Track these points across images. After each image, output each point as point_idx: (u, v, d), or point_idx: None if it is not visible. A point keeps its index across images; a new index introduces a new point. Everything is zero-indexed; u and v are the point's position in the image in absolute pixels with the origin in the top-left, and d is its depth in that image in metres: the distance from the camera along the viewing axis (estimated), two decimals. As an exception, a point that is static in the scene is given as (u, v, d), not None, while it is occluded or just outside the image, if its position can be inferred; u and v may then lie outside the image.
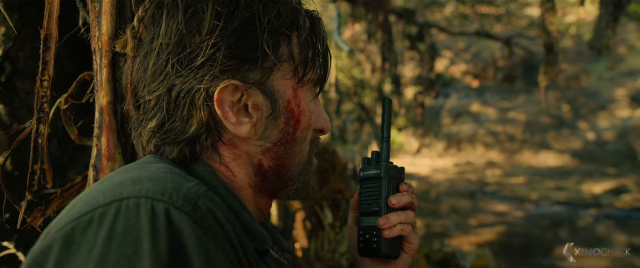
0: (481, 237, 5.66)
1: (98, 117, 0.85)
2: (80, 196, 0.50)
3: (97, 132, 0.86)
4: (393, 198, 0.70)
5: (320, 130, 0.69)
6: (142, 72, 0.59)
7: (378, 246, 0.70)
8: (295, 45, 0.61)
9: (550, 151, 10.76)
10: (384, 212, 0.70)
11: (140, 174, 0.50)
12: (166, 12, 0.58)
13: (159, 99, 0.57)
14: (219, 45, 0.56)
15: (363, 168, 0.76)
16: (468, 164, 11.44)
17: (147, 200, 0.44)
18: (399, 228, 0.69)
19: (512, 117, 12.34)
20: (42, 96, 0.82)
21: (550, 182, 8.58)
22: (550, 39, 1.87)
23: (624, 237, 5.50)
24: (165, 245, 0.42)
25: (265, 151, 0.62)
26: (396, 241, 0.71)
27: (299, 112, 0.63)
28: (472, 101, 13.93)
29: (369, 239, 0.71)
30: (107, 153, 0.85)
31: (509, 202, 7.47)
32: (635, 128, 9.66)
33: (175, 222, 0.43)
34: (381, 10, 4.28)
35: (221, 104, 0.57)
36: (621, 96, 10.80)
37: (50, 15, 0.82)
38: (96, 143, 0.86)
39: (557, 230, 5.91)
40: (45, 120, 0.83)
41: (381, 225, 0.69)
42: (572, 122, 11.03)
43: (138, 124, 0.62)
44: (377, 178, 0.72)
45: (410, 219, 0.71)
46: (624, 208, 6.49)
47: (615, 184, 7.77)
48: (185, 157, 0.58)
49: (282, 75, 0.61)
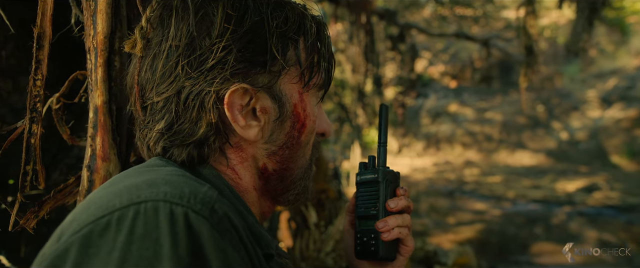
0: (460, 235, 5.77)
1: (92, 116, 0.84)
2: (92, 198, 0.49)
3: (92, 132, 0.84)
4: (391, 203, 0.71)
5: (323, 134, 0.70)
6: (150, 74, 0.58)
7: (376, 249, 0.71)
8: (302, 49, 0.62)
9: (526, 150, 11.06)
10: (381, 216, 0.71)
11: (154, 177, 0.50)
12: (175, 13, 0.58)
13: (167, 100, 0.57)
14: (230, 48, 0.56)
15: (360, 172, 0.77)
16: (447, 164, 11.64)
17: (166, 203, 0.44)
18: (397, 232, 0.70)
19: (489, 117, 12.62)
20: (35, 95, 0.80)
21: (526, 180, 8.82)
22: (530, 42, 1.94)
23: (595, 233, 5.70)
24: (185, 248, 0.42)
25: (271, 154, 0.63)
26: (393, 244, 0.72)
27: (305, 116, 0.64)
28: (451, 101, 14.18)
29: (367, 242, 0.72)
30: (102, 154, 0.84)
31: (487, 200, 7.63)
32: (605, 128, 10.03)
33: (194, 226, 0.43)
34: (364, 11, 4.31)
35: (231, 106, 0.57)
36: (592, 97, 11.20)
37: (43, 13, 0.80)
38: (90, 143, 0.84)
39: (532, 228, 6.08)
40: (38, 120, 0.82)
41: (380, 228, 0.70)
42: (546, 122, 11.36)
43: (144, 126, 0.61)
44: (374, 183, 0.73)
45: (407, 222, 0.72)
46: (595, 206, 6.73)
47: (587, 182, 8.05)
48: (193, 159, 0.59)
49: (289, 79, 0.61)
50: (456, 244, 4.76)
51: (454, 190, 8.47)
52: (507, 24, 12.66)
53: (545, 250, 5.19)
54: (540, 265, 4.72)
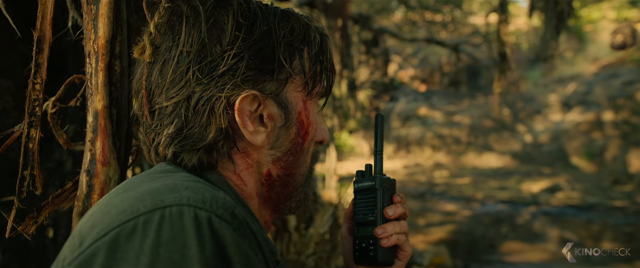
0: (431, 236, 5.90)
1: (92, 121, 0.84)
2: (111, 203, 0.50)
3: (91, 136, 0.84)
4: (389, 210, 0.73)
5: (321, 142, 0.72)
6: (160, 79, 0.59)
7: (375, 254, 0.72)
8: (306, 59, 0.64)
9: (492, 153, 11.44)
10: (379, 222, 0.73)
11: (173, 182, 0.51)
12: (186, 20, 0.59)
13: (177, 105, 0.58)
14: (242, 56, 0.57)
15: (357, 180, 0.79)
16: (417, 166, 11.87)
17: (190, 208, 0.45)
18: (396, 238, 0.72)
19: (458, 120, 12.97)
20: (34, 99, 0.79)
21: (494, 182, 9.12)
22: (503, 49, 2.04)
23: (557, 231, 5.95)
24: (211, 251, 0.43)
25: (276, 160, 0.65)
26: (391, 249, 0.74)
27: (308, 124, 0.66)
28: (420, 105, 14.48)
29: (366, 248, 0.74)
30: (102, 158, 0.84)
31: (456, 201, 7.84)
32: (566, 131, 10.52)
33: (218, 230, 0.45)
34: (339, 16, 4.37)
35: (241, 112, 0.58)
36: (554, 101, 11.72)
37: (43, 17, 0.79)
38: (90, 147, 0.84)
39: (499, 227, 6.28)
40: (36, 124, 0.80)
41: (379, 235, 0.72)
42: (511, 126, 11.80)
43: (151, 130, 0.62)
44: (372, 190, 0.75)
45: (404, 229, 0.75)
46: (558, 206, 7.05)
47: (550, 183, 8.41)
48: (203, 164, 0.60)
49: (294, 88, 0.63)
50: (429, 245, 4.88)
51: (425, 191, 8.66)
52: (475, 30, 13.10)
53: (513, 248, 5.39)
54: (510, 263, 4.90)
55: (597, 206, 6.85)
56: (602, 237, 5.72)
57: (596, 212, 6.60)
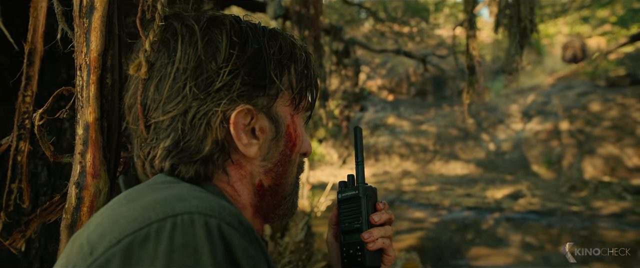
0: (400, 243, 6.01)
1: (83, 133, 0.84)
2: (118, 213, 0.52)
3: (82, 148, 0.84)
4: (375, 216, 0.78)
5: (305, 154, 0.76)
6: (156, 94, 0.61)
7: (363, 259, 0.76)
8: (293, 75, 0.68)
9: (458, 161, 11.78)
10: (365, 228, 0.77)
11: (179, 192, 0.53)
12: (181, 38, 0.62)
13: (173, 119, 0.60)
14: (237, 72, 0.61)
15: (340, 190, 0.83)
16: (385, 174, 12.06)
17: (200, 216, 0.48)
18: (381, 242, 0.77)
19: (425, 129, 13.30)
20: (23, 112, 0.79)
21: (460, 189, 9.38)
22: (472, 62, 2.15)
23: (520, 236, 6.19)
24: (222, 256, 0.46)
25: (267, 171, 0.68)
26: (378, 254, 0.78)
27: (296, 136, 0.70)
28: (388, 114, 14.75)
29: (353, 254, 0.78)
30: (92, 171, 0.84)
31: (424, 209, 8.02)
32: (527, 139, 11.00)
33: (227, 236, 0.48)
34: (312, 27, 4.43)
35: (236, 126, 0.61)
36: (515, 111, 12.25)
37: (35, 30, 0.79)
38: (80, 160, 0.84)
39: (465, 233, 6.46)
40: (26, 137, 0.80)
41: (365, 239, 0.76)
42: (476, 134, 12.22)
43: (147, 144, 0.64)
44: (356, 199, 0.79)
45: (389, 233, 0.79)
46: (520, 211, 7.34)
47: (512, 190, 8.75)
48: (200, 176, 0.62)
49: (283, 103, 0.67)
50: (400, 251, 4.96)
51: (394, 199, 8.80)
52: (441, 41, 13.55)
53: (479, 253, 5.57)
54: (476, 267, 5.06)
55: (556, 211, 7.19)
56: (561, 240, 6.00)
57: (555, 217, 6.92)
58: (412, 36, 11.19)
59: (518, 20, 2.23)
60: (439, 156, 12.13)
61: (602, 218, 6.73)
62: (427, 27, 11.59)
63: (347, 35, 8.96)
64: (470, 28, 2.26)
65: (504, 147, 11.32)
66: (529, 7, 2.22)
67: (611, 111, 10.12)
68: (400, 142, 12.97)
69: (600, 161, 9.32)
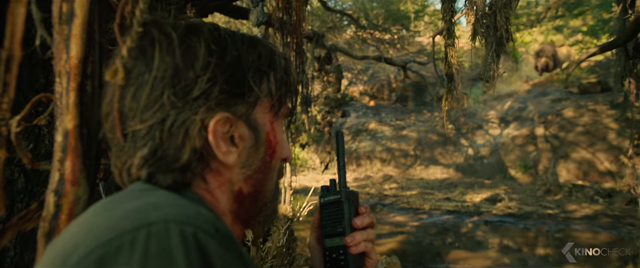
0: (382, 246, 6.05)
1: (62, 140, 0.83)
2: (93, 222, 0.51)
3: (61, 155, 0.83)
4: (357, 220, 0.79)
5: (285, 159, 0.77)
6: (134, 103, 0.61)
7: (345, 263, 0.77)
8: (273, 82, 0.69)
9: (438, 166, 11.96)
10: (348, 232, 0.78)
11: (155, 200, 0.53)
12: (159, 46, 0.61)
13: (151, 128, 0.60)
14: (215, 80, 0.61)
15: (323, 195, 0.85)
16: (367, 178, 12.14)
17: (176, 224, 0.47)
18: (363, 245, 0.78)
19: (405, 134, 13.46)
20: (0, 119, 0.78)
21: (440, 193, 9.52)
22: (451, 70, 2.20)
23: (497, 239, 6.31)
24: (198, 264, 0.46)
25: (247, 178, 0.68)
26: (360, 257, 0.79)
27: (276, 143, 0.71)
28: (370, 120, 14.87)
29: (336, 258, 0.79)
30: (71, 178, 0.83)
31: (405, 212, 8.10)
32: (504, 144, 11.25)
33: (204, 244, 0.47)
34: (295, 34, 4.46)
35: (215, 134, 0.61)
36: (493, 117, 12.52)
37: (13, 35, 0.79)
38: (59, 167, 0.83)
39: (444, 237, 6.55)
40: (2, 144, 0.79)
41: (348, 243, 0.77)
42: (455, 140, 12.43)
43: (123, 152, 0.64)
44: (338, 203, 0.81)
45: (371, 237, 0.81)
46: (498, 215, 7.48)
47: (491, 194, 8.92)
48: (178, 184, 0.62)
49: (262, 110, 0.68)
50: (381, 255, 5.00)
51: (375, 203, 8.86)
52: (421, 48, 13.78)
53: (458, 256, 5.66)
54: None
55: (532, 214, 7.36)
56: (537, 243, 6.14)
57: (531, 220, 7.08)
58: (394, 43, 11.33)
59: (494, 29, 2.29)
60: (419, 161, 12.29)
61: (575, 220, 6.93)
62: (408, 34, 11.77)
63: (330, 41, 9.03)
64: (449, 36, 2.32)
65: (482, 152, 11.55)
66: (505, 17, 2.28)
67: (583, 117, 10.46)
68: (382, 147, 13.08)
69: (573, 165, 9.60)
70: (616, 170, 9.00)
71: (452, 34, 2.26)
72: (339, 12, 8.05)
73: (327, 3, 5.80)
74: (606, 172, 9.09)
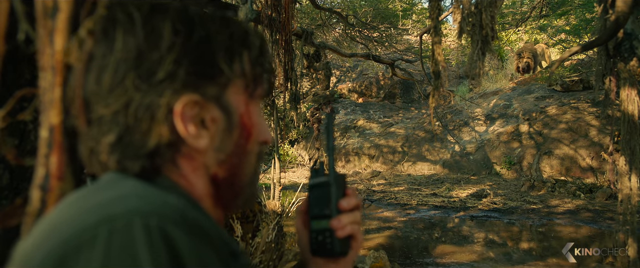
0: (370, 241, 6.10)
1: (47, 136, 0.83)
2: (58, 219, 0.49)
3: (46, 151, 0.83)
4: (344, 202, 0.77)
5: (264, 142, 0.73)
6: (97, 87, 0.57)
7: (332, 246, 0.76)
8: (247, 62, 0.65)
9: (425, 162, 12.06)
10: (334, 214, 0.77)
11: (121, 192, 0.51)
12: (121, 27, 0.57)
13: (116, 113, 0.57)
14: (180, 62, 0.58)
15: (312, 177, 0.83)
16: (355, 174, 12.19)
17: (139, 217, 0.45)
18: (350, 228, 0.76)
19: (393, 131, 13.53)
20: (-16, 114, 0.77)
21: (427, 189, 9.61)
22: (437, 68, 2.23)
23: (483, 234, 6.40)
24: (164, 257, 0.44)
25: (221, 162, 0.64)
26: (346, 239, 0.78)
27: (251, 125, 0.67)
28: (358, 117, 14.92)
29: (323, 240, 0.77)
30: (57, 173, 0.83)
31: (393, 208, 8.16)
32: (490, 141, 11.40)
33: (170, 234, 0.45)
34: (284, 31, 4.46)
35: (182, 117, 0.58)
36: (479, 114, 12.67)
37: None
38: (44, 162, 0.83)
39: (431, 232, 6.62)
40: (-14, 139, 0.78)
41: (335, 226, 0.75)
42: (442, 136, 12.55)
43: (90, 139, 0.60)
44: (326, 185, 0.79)
45: (358, 219, 0.79)
46: (483, 210, 7.59)
47: (476, 189, 9.03)
48: (147, 171, 0.59)
49: (235, 91, 0.64)
50: (369, 250, 5.05)
51: (364, 199, 8.92)
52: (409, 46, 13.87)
53: (445, 251, 5.73)
54: (442, 265, 5.21)
55: (516, 209, 7.49)
56: (521, 237, 6.25)
57: (515, 215, 7.20)
58: (382, 41, 11.37)
59: (480, 27, 2.32)
60: (407, 157, 12.38)
61: (558, 215, 7.07)
62: (396, 32, 11.82)
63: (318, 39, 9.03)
64: (436, 35, 2.34)
65: (468, 149, 11.68)
66: (490, 16, 2.32)
67: (566, 115, 10.65)
68: (370, 143, 13.14)
69: (556, 161, 9.78)
70: (597, 166, 9.19)
71: (438, 32, 2.28)
72: (328, 10, 8.04)
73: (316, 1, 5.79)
74: (588, 168, 9.29)
